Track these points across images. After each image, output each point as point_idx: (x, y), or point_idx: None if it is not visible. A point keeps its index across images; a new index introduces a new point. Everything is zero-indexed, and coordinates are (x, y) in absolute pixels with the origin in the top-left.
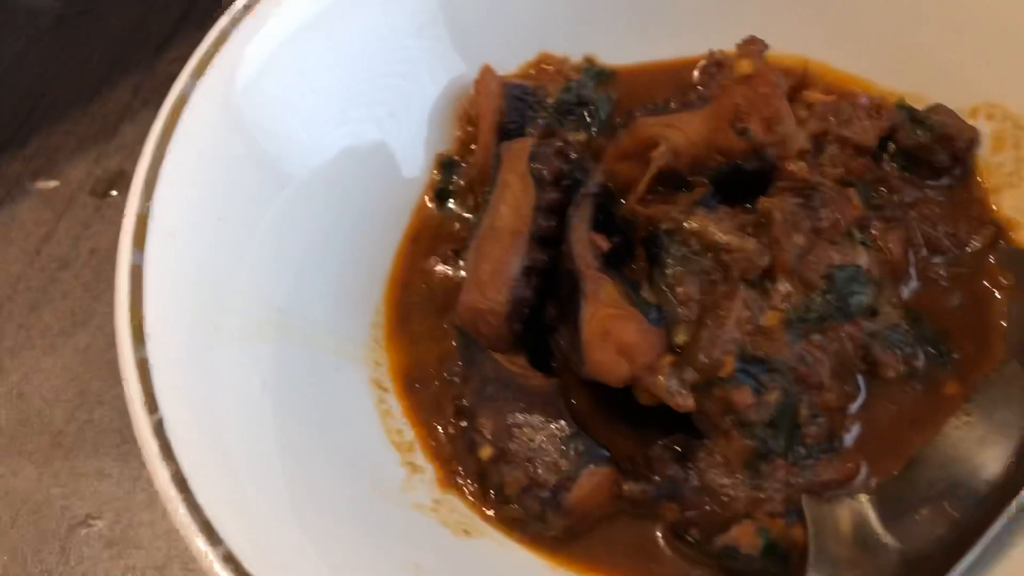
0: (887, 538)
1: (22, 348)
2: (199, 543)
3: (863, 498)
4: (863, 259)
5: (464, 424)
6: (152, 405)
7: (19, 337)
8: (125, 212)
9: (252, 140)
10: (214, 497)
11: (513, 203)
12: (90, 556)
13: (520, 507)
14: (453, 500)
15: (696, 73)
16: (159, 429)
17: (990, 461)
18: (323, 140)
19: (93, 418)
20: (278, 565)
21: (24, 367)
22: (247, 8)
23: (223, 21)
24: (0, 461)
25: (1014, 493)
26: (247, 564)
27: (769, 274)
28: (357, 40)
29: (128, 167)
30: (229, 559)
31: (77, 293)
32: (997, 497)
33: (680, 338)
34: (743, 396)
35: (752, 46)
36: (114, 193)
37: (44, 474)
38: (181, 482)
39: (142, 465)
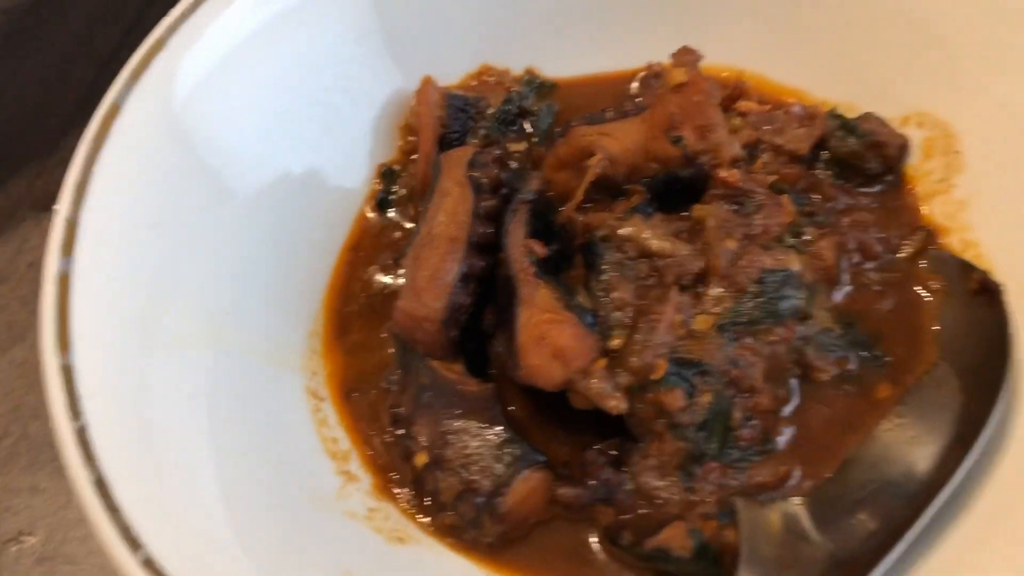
0: (819, 539)
1: None
2: (116, 549)
3: (796, 500)
4: (795, 264)
5: (400, 432)
6: (75, 412)
7: None
8: (54, 219)
9: (190, 150)
10: (137, 503)
11: (451, 210)
12: (22, 572)
13: (455, 513)
14: (388, 508)
15: (635, 85)
16: (81, 435)
17: (920, 461)
18: (264, 151)
19: (28, 432)
20: (203, 570)
21: None
22: (183, 17)
23: (159, 30)
24: None
25: (939, 490)
26: (169, 570)
27: (702, 279)
28: (298, 53)
29: None
30: (149, 564)
31: (14, 307)
32: (925, 495)
33: (615, 343)
34: (675, 399)
35: (686, 56)
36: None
37: None
38: (102, 488)
39: None
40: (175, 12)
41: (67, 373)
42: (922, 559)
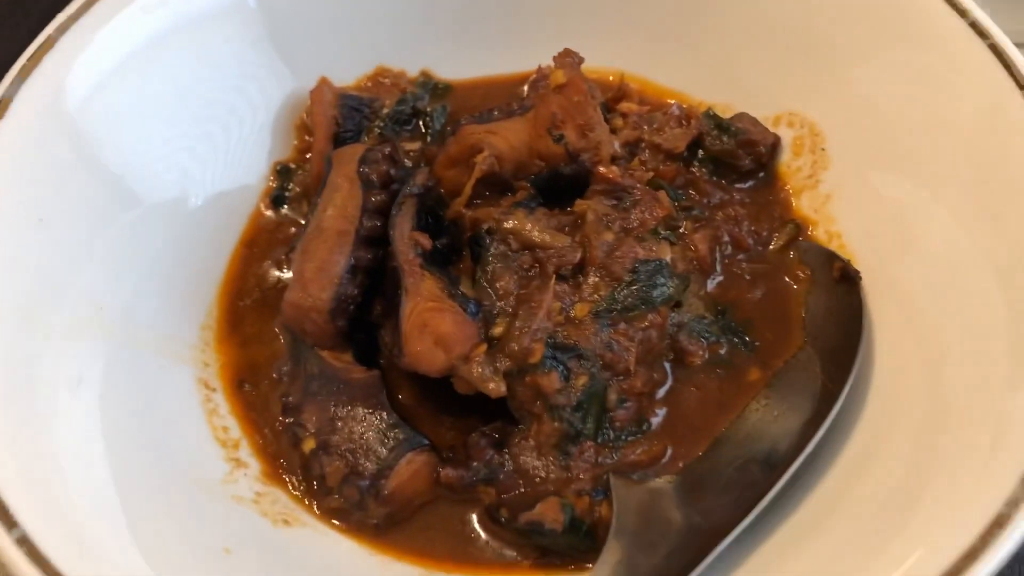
0: (686, 512)
1: None
2: None
3: (668, 477)
4: (667, 254)
5: (290, 420)
6: None
7: None
8: None
9: (83, 148)
10: (13, 482)
11: (340, 204)
12: None
13: (341, 497)
14: (277, 493)
15: (526, 88)
16: None
17: (781, 437)
18: (159, 150)
19: None
20: (84, 547)
21: None
22: (73, 18)
23: (50, 28)
24: None
25: (792, 462)
26: (45, 547)
27: (581, 269)
28: (192, 57)
29: None
30: (24, 542)
31: None
32: (781, 467)
33: (498, 330)
34: (551, 381)
35: (567, 58)
36: None
37: None
38: None
39: None
40: (66, 12)
41: None
42: (776, 524)
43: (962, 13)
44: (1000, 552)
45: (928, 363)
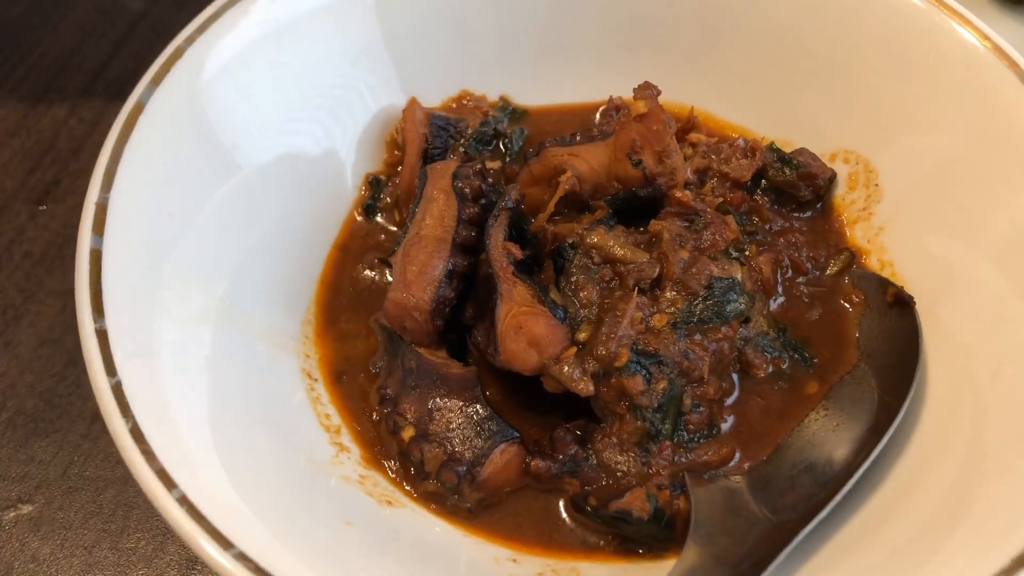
0: (755, 509)
1: None
2: (155, 487)
3: (736, 478)
4: (739, 273)
5: (387, 410)
6: (111, 370)
7: None
8: (84, 202)
9: (203, 143)
10: (165, 451)
11: (438, 215)
12: (18, 538)
13: (438, 481)
14: (377, 477)
15: (598, 116)
16: (118, 390)
17: (840, 446)
18: (266, 151)
19: (24, 409)
20: (229, 512)
21: None
22: (200, 29)
23: (179, 39)
24: None
25: (855, 470)
26: (201, 507)
27: (658, 283)
28: (303, 60)
29: (63, 178)
30: (184, 501)
31: (10, 293)
32: (844, 473)
33: (582, 336)
34: (635, 383)
35: (647, 90)
36: (44, 206)
37: None
38: (139, 436)
39: (72, 452)
40: (193, 24)
41: (102, 336)
42: (838, 527)
43: (1012, 66)
44: None
45: (975, 391)
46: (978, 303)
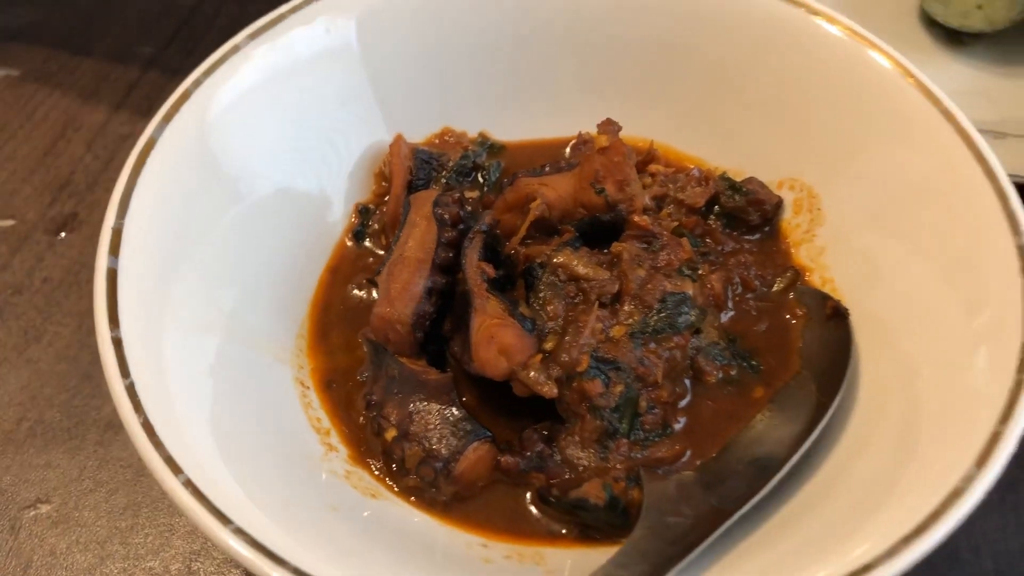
0: (703, 498)
1: None
2: (163, 474)
3: (688, 473)
4: (690, 289)
5: (373, 414)
6: (125, 372)
7: None
8: (102, 228)
9: (209, 179)
10: (174, 443)
11: (420, 238)
12: (38, 534)
13: (418, 476)
14: (361, 473)
15: (568, 150)
16: (131, 390)
17: (781, 442)
18: (266, 182)
19: (44, 419)
20: (227, 495)
21: None
22: (207, 72)
23: (187, 82)
24: None
25: (788, 460)
26: (203, 490)
27: (618, 298)
28: (299, 101)
29: (79, 210)
30: (189, 484)
31: (31, 315)
32: (779, 464)
33: (548, 345)
34: (595, 386)
35: (609, 126)
36: (62, 235)
37: None
38: (149, 429)
39: (87, 458)
40: (200, 68)
41: (117, 344)
42: (777, 508)
43: (936, 104)
44: (961, 510)
45: (904, 380)
46: (908, 310)
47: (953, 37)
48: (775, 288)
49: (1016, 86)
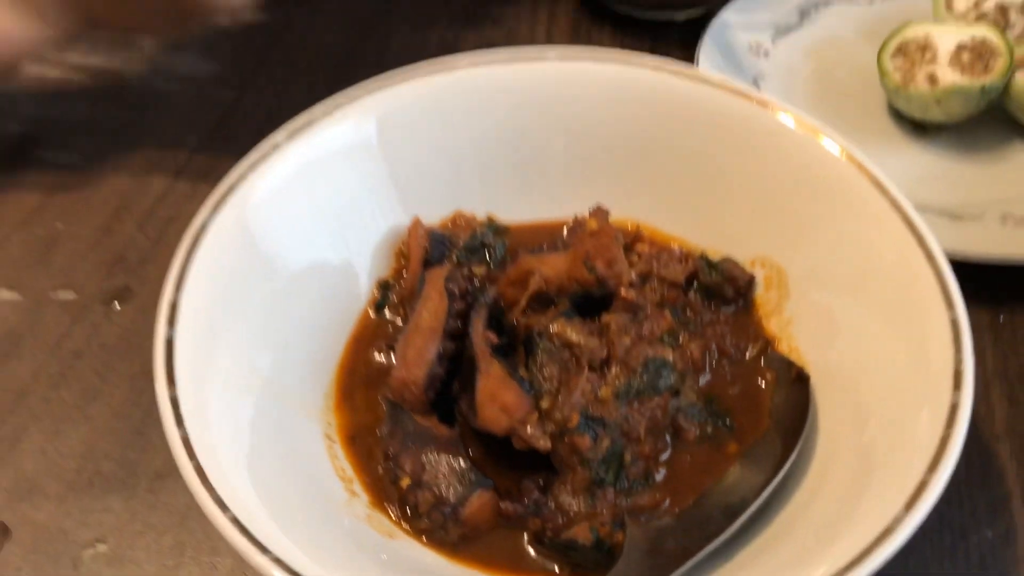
0: (679, 539)
1: (44, 416)
2: (213, 510)
3: (667, 519)
4: (669, 355)
5: (390, 465)
6: (180, 425)
7: (42, 408)
8: (161, 301)
9: (249, 255)
10: (222, 486)
11: (433, 310)
12: (96, 571)
13: (429, 520)
14: (380, 517)
15: (565, 231)
16: (186, 441)
17: (749, 490)
18: (298, 260)
19: (101, 469)
20: (264, 529)
21: (46, 431)
22: (251, 168)
23: (232, 176)
24: (25, 499)
25: (749, 505)
26: (247, 525)
27: (606, 363)
28: (327, 190)
29: (132, 285)
30: (234, 520)
31: (89, 377)
32: (742, 509)
33: (544, 404)
34: (584, 441)
35: (599, 212)
36: (116, 306)
37: (59, 510)
38: (201, 473)
39: (139, 503)
40: (244, 164)
41: (174, 402)
42: (742, 545)
43: (882, 190)
44: (890, 547)
45: (856, 429)
46: (862, 366)
47: (918, 127)
48: (748, 355)
49: (973, 172)
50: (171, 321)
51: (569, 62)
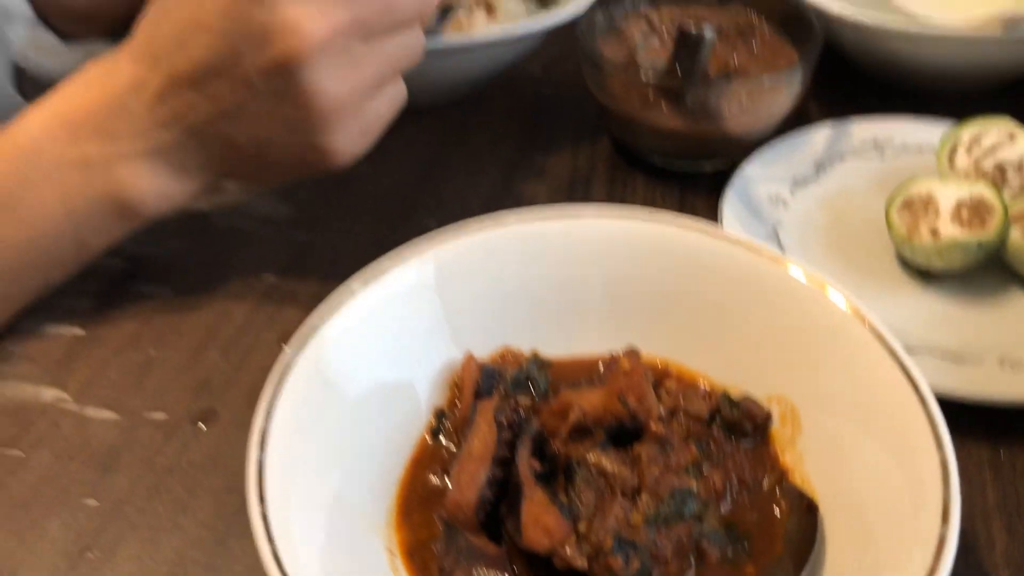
0: None
1: (141, 525)
2: None
3: None
4: (695, 485)
5: None
6: (270, 538)
7: (138, 518)
8: (252, 429)
9: (323, 385)
10: None
11: (483, 439)
12: None
13: None
14: None
15: (601, 366)
16: (275, 554)
17: None
18: (364, 389)
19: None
20: None
21: (142, 539)
22: (331, 310)
23: (313, 318)
24: None
25: None
26: None
27: (637, 491)
28: (391, 328)
29: (216, 407)
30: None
31: (177, 491)
32: None
33: (581, 527)
34: (617, 562)
35: (631, 353)
36: (202, 426)
37: None
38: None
39: None
40: (324, 307)
41: (265, 518)
42: None
43: (880, 339)
44: None
45: (859, 554)
46: (867, 491)
47: (924, 274)
48: (764, 485)
49: (974, 317)
50: (262, 446)
51: (605, 219)
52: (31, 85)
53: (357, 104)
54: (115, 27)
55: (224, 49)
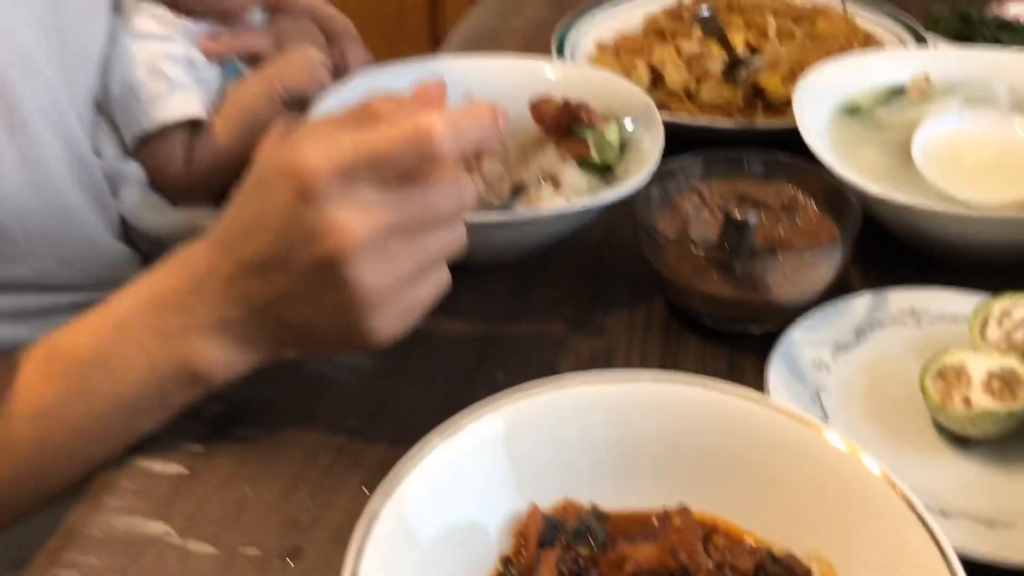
0: None
1: None
2: None
3: None
4: None
5: None
6: None
7: None
8: (343, 570)
9: (400, 527)
10: None
11: None
12: None
13: None
14: None
15: (655, 520)
16: None
17: None
18: (435, 532)
19: None
20: None
21: None
22: (414, 463)
23: (398, 469)
24: None
25: None
26: None
27: None
28: (462, 480)
29: (303, 544)
30: None
31: None
32: None
33: None
34: None
35: (683, 510)
36: (291, 564)
37: None
38: None
39: None
40: (407, 459)
41: None
42: None
43: (910, 505)
44: None
45: None
46: None
47: (960, 439)
48: None
49: (1008, 482)
50: None
51: (660, 384)
52: (140, 237)
53: (396, 293)
54: (212, 196)
55: (280, 244)
